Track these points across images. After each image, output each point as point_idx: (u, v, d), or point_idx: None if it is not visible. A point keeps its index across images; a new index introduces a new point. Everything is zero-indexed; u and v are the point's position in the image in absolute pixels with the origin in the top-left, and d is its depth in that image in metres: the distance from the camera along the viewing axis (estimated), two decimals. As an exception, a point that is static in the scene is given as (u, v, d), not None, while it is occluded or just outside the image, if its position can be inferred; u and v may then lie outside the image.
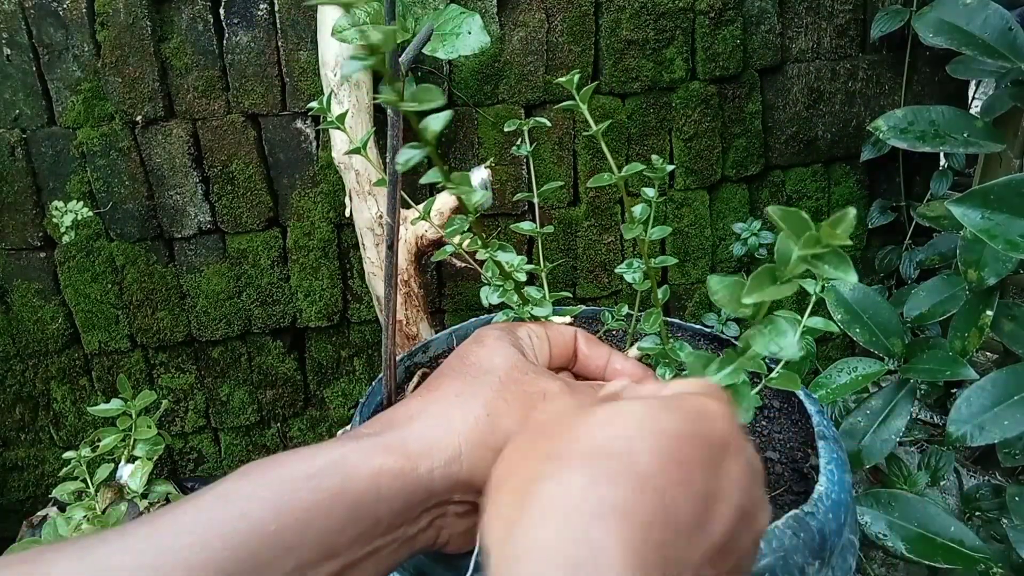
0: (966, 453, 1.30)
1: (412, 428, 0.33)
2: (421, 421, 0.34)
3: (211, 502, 0.28)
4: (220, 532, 0.27)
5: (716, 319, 1.38)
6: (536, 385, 0.36)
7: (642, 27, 1.22)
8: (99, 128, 1.16)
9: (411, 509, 0.32)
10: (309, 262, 1.27)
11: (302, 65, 1.17)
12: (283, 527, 0.28)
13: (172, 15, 1.14)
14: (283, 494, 0.29)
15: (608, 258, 1.35)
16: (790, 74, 1.34)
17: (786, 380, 0.43)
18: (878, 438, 0.84)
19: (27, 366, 1.27)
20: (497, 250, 0.45)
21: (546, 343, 0.41)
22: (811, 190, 1.43)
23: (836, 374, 0.88)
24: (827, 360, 1.47)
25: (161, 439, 1.06)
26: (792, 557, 0.36)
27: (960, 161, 1.39)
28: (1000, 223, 0.61)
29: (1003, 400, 0.76)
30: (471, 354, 0.38)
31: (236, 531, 0.27)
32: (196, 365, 1.32)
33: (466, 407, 0.34)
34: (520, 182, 1.28)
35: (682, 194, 1.35)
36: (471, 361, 0.37)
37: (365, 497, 0.30)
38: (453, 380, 0.36)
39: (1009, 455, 0.85)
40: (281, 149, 1.23)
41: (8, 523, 1.30)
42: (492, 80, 1.22)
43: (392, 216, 0.44)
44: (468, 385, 0.35)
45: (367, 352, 1.37)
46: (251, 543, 0.27)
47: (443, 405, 0.34)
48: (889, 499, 0.77)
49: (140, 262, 1.24)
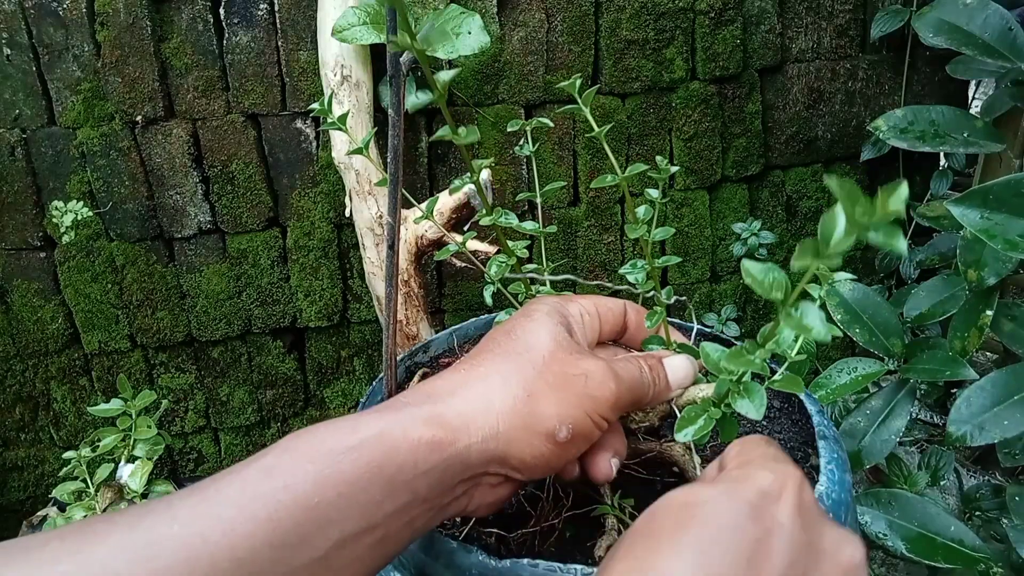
0: (966, 453, 1.30)
1: (452, 403, 0.33)
2: (461, 396, 0.34)
3: (255, 475, 0.29)
4: (264, 504, 0.28)
5: (716, 319, 1.38)
6: (579, 366, 0.36)
7: (642, 27, 1.22)
8: (99, 128, 1.16)
9: (447, 481, 0.32)
10: (309, 262, 1.27)
11: (302, 65, 1.17)
12: (324, 500, 0.28)
13: (172, 15, 1.14)
14: (325, 468, 0.29)
15: (608, 258, 1.35)
16: (790, 74, 1.34)
17: (789, 382, 0.43)
18: (878, 438, 0.84)
19: (27, 366, 1.27)
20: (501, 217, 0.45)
21: (597, 320, 0.41)
22: (811, 190, 1.43)
23: (836, 374, 0.88)
24: (827, 360, 1.47)
25: (161, 439, 1.06)
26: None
27: (960, 161, 1.39)
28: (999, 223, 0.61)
29: (1003, 400, 0.76)
30: (518, 327, 0.37)
31: (280, 503, 0.28)
32: (196, 365, 1.32)
33: (507, 386, 0.34)
34: (520, 182, 1.28)
35: (682, 194, 1.35)
36: (517, 335, 0.37)
37: (404, 471, 0.30)
38: (496, 356, 0.36)
39: (1009, 455, 0.85)
40: (281, 149, 1.23)
41: (8, 523, 1.30)
42: (492, 80, 1.22)
43: (393, 216, 0.44)
44: (511, 363, 0.35)
45: (367, 352, 1.37)
46: (295, 515, 0.28)
47: (484, 382, 0.34)
48: (889, 499, 0.77)
49: (140, 262, 1.24)
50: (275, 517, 0.27)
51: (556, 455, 0.34)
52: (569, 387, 0.35)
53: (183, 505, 0.27)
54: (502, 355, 0.36)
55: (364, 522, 0.29)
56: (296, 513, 0.28)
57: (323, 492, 0.29)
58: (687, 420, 0.37)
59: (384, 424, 0.31)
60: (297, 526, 0.28)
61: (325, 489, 0.29)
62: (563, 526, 0.41)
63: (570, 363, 0.36)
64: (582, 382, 0.35)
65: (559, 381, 0.35)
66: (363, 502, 0.29)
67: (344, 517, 0.29)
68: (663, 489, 0.45)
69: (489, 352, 0.36)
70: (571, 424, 0.34)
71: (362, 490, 0.29)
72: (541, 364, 0.35)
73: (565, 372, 0.35)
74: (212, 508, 0.27)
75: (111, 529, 0.26)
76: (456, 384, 0.35)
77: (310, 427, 0.31)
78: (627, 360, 0.38)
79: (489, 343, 0.37)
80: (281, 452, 0.30)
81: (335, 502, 0.29)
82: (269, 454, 0.30)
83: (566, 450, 0.35)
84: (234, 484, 0.28)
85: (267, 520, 0.27)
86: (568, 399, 0.34)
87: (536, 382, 0.34)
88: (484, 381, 0.34)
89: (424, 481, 0.31)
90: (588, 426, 0.35)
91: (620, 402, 0.36)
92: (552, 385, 0.35)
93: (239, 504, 0.27)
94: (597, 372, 0.36)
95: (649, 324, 0.42)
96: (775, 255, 1.44)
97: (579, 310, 0.41)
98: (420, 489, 0.31)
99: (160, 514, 0.27)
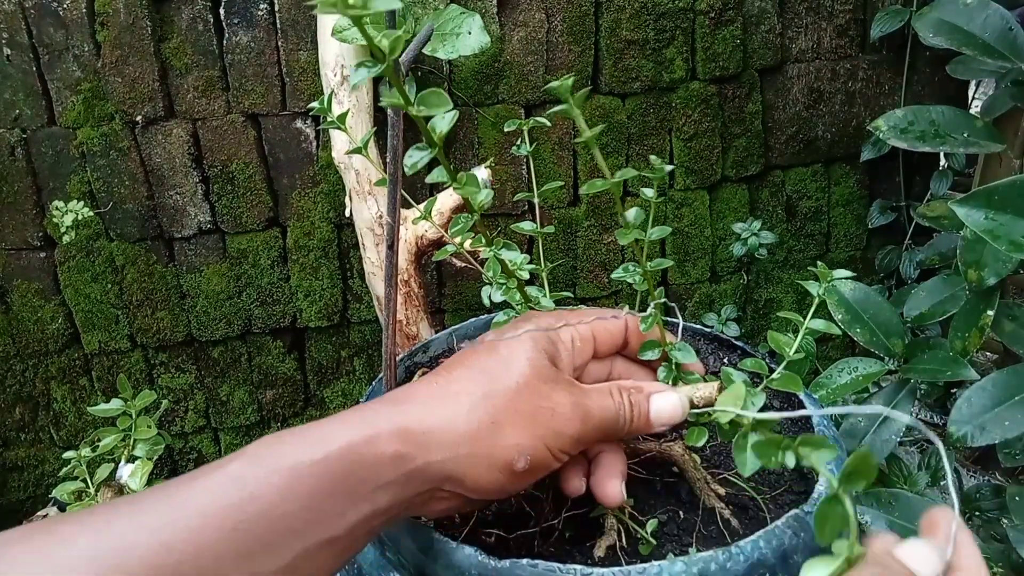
0: (966, 453, 1.30)
1: (421, 416, 0.34)
2: (429, 411, 0.34)
3: (224, 483, 0.29)
4: (231, 514, 0.28)
5: (716, 319, 1.38)
6: (550, 399, 0.36)
7: (642, 27, 1.22)
8: (99, 128, 1.16)
9: (406, 493, 0.33)
10: (309, 262, 1.27)
11: (302, 65, 1.17)
12: (290, 512, 0.29)
13: (172, 15, 1.14)
14: (291, 479, 0.30)
15: (608, 258, 1.35)
16: (790, 74, 1.34)
17: (788, 381, 0.43)
18: (878, 438, 0.84)
19: (27, 366, 1.27)
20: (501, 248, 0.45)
21: (590, 343, 0.41)
22: (811, 190, 1.43)
23: (836, 374, 0.88)
24: (827, 360, 1.47)
25: (161, 439, 1.06)
26: (792, 556, 0.36)
27: (960, 161, 1.39)
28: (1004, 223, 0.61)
29: (1004, 400, 0.76)
30: (502, 346, 0.37)
31: (247, 514, 0.28)
32: (196, 365, 1.32)
33: (474, 410, 0.34)
34: (520, 182, 1.28)
35: (682, 194, 1.35)
36: (499, 354, 0.37)
37: (367, 483, 0.31)
38: (472, 373, 0.36)
39: (1009, 455, 0.85)
40: (281, 149, 1.23)
41: (8, 523, 1.30)
42: (492, 80, 1.22)
43: (392, 216, 0.44)
44: (483, 385, 0.35)
45: (367, 352, 1.37)
46: (261, 526, 0.28)
47: (455, 401, 0.35)
48: (889, 499, 0.77)
49: (140, 262, 1.24)
50: (241, 528, 0.28)
51: (512, 483, 0.35)
52: (535, 419, 0.35)
53: (151, 511, 0.28)
54: (478, 373, 0.36)
55: (327, 532, 0.30)
56: (262, 524, 0.28)
57: (288, 504, 0.29)
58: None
59: (351, 436, 0.31)
60: (262, 536, 0.28)
61: (290, 501, 0.29)
62: (563, 526, 0.41)
63: (542, 394, 0.36)
64: (548, 415, 0.35)
65: (526, 411, 0.35)
66: (327, 513, 0.30)
67: (308, 528, 0.30)
68: (663, 489, 0.45)
69: (467, 368, 0.36)
70: (529, 456, 0.35)
71: (326, 502, 0.30)
72: (512, 391, 0.35)
73: (534, 403, 0.35)
74: (179, 517, 0.28)
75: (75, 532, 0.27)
76: (427, 396, 0.35)
77: (279, 434, 0.32)
78: (608, 394, 0.38)
79: (471, 356, 0.37)
80: (249, 460, 0.30)
81: (300, 514, 0.29)
82: (237, 460, 0.30)
83: (522, 479, 0.35)
84: (203, 493, 0.29)
85: (233, 530, 0.28)
86: (531, 430, 0.35)
87: (503, 410, 0.35)
88: (455, 400, 0.35)
89: (384, 493, 0.32)
90: (547, 458, 0.35)
91: (584, 439, 0.37)
92: (519, 413, 0.35)
93: (206, 513, 0.28)
94: (565, 408, 0.36)
95: (644, 328, 0.42)
96: (775, 255, 1.44)
97: (571, 335, 0.40)
98: (381, 501, 0.32)
99: (127, 518, 0.27)
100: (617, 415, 0.38)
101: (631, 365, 0.44)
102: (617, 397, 0.38)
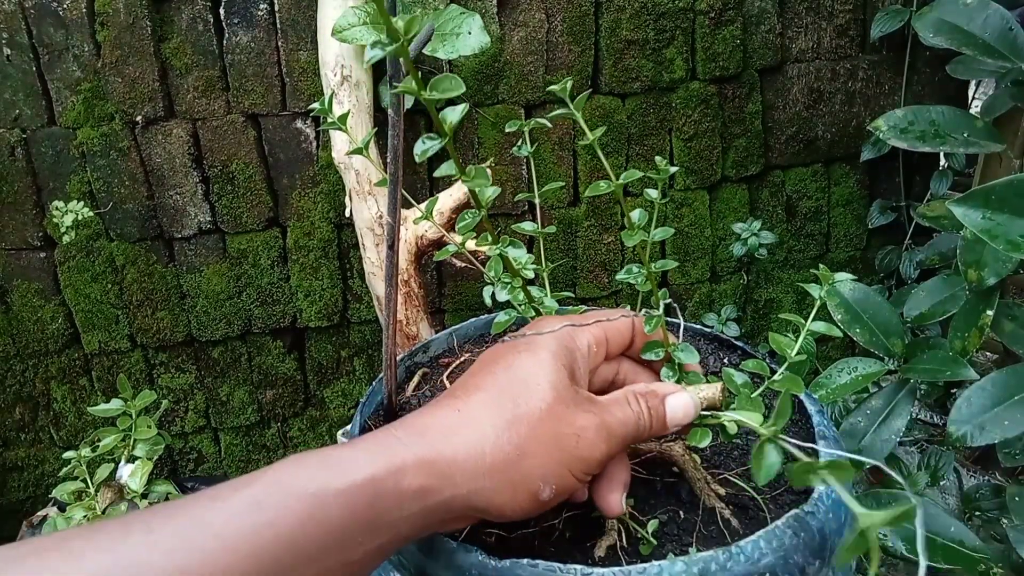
0: (966, 453, 1.30)
1: (444, 449, 0.33)
2: (453, 443, 0.33)
3: (241, 507, 0.28)
4: (247, 539, 0.28)
5: (716, 319, 1.38)
6: (574, 424, 0.35)
7: (642, 27, 1.22)
8: (99, 128, 1.16)
9: (427, 522, 0.33)
10: (309, 262, 1.27)
11: (302, 65, 1.17)
12: (308, 539, 0.29)
13: (172, 15, 1.14)
14: (311, 508, 0.29)
15: (608, 258, 1.35)
16: (790, 74, 1.34)
17: (789, 382, 0.43)
18: (878, 438, 0.84)
19: (27, 366, 1.27)
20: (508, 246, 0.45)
21: (604, 346, 0.41)
22: (811, 190, 1.43)
23: (836, 374, 0.88)
24: (827, 360, 1.47)
25: (161, 439, 1.06)
26: (792, 556, 0.36)
27: (960, 161, 1.39)
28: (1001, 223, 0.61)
29: (1003, 400, 0.76)
30: (518, 365, 0.36)
31: (264, 540, 0.28)
32: (196, 365, 1.32)
33: (499, 441, 0.34)
34: (520, 182, 1.28)
35: (682, 194, 1.35)
36: (516, 374, 0.36)
37: (389, 514, 0.31)
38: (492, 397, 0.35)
39: (1009, 455, 0.85)
40: (281, 149, 1.23)
41: (8, 523, 1.30)
42: (492, 80, 1.22)
43: (393, 216, 0.44)
44: (506, 412, 0.35)
45: (367, 352, 1.37)
46: (277, 552, 0.28)
47: (479, 431, 0.34)
48: (889, 499, 0.77)
49: (140, 262, 1.24)
50: (257, 553, 0.27)
51: (535, 509, 0.35)
52: (560, 446, 0.35)
53: (164, 530, 0.27)
54: (498, 396, 0.35)
55: (343, 558, 0.30)
56: (278, 550, 0.28)
57: (307, 532, 0.29)
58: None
59: (374, 469, 0.31)
60: (277, 562, 0.28)
61: (309, 529, 0.29)
62: (563, 526, 0.41)
63: (566, 420, 0.35)
64: (574, 442, 0.35)
65: (551, 439, 0.35)
66: (345, 542, 0.30)
67: (325, 555, 0.29)
68: (663, 489, 0.45)
69: (485, 391, 0.36)
70: (555, 485, 0.34)
71: (346, 532, 0.30)
72: (536, 419, 0.35)
73: (559, 431, 0.35)
74: (194, 538, 0.27)
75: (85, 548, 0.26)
76: (450, 426, 0.34)
77: (299, 457, 0.31)
78: (626, 404, 0.38)
79: (488, 376, 0.37)
80: (269, 485, 0.30)
81: (318, 542, 0.29)
82: (257, 483, 0.30)
83: (546, 505, 0.35)
84: (219, 514, 0.28)
85: (248, 556, 0.27)
86: (557, 458, 0.34)
87: (528, 441, 0.34)
88: (479, 428, 0.34)
89: (406, 524, 0.32)
90: (572, 484, 0.35)
91: (609, 458, 0.37)
92: (543, 443, 0.34)
93: (222, 536, 0.27)
94: (590, 432, 0.35)
95: (648, 329, 0.42)
96: (775, 255, 1.44)
97: (587, 341, 0.40)
98: (402, 530, 0.32)
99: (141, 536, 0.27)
100: (637, 424, 0.38)
101: (636, 365, 0.44)
102: (635, 406, 0.38)
